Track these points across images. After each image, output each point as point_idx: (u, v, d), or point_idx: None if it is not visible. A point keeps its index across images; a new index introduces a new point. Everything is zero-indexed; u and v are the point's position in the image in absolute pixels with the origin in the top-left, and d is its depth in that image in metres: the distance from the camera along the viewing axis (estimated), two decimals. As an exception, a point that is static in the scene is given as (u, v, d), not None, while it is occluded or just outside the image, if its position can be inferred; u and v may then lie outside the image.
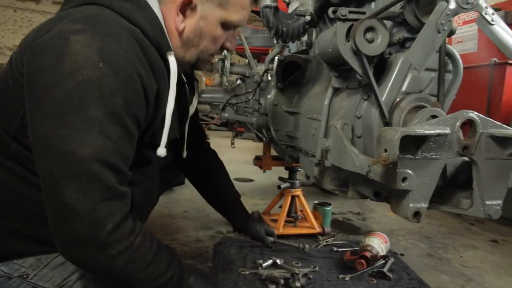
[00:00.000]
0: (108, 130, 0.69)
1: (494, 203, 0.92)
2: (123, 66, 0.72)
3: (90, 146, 0.67)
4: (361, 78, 1.04)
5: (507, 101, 2.86)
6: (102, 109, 0.69)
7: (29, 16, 9.39)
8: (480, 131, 0.87)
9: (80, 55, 0.69)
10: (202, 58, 0.98)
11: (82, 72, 0.68)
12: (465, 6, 0.87)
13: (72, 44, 0.69)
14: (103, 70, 0.69)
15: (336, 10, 1.01)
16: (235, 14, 0.94)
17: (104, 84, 0.69)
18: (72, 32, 0.71)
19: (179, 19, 0.90)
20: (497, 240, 2.37)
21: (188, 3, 0.89)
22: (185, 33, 0.92)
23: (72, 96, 0.68)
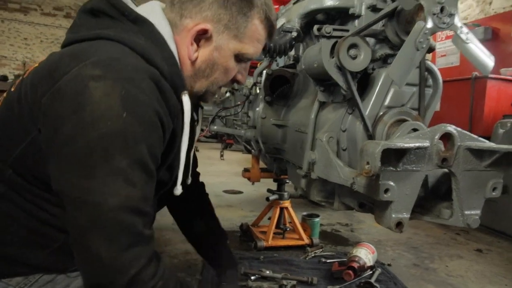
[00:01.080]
0: (134, 178, 0.69)
1: (472, 213, 0.95)
2: (145, 114, 0.71)
3: (117, 197, 0.67)
4: (346, 92, 1.08)
5: (489, 114, 2.95)
6: (127, 159, 0.68)
7: (17, 27, 9.34)
8: (458, 144, 0.91)
9: (102, 104, 0.67)
10: (211, 90, 0.95)
11: (105, 123, 0.67)
12: (441, 25, 0.92)
13: (93, 92, 0.68)
14: (126, 120, 0.68)
15: (321, 27, 1.05)
16: (250, 46, 0.91)
17: (128, 134, 0.68)
18: (91, 78, 0.69)
19: (193, 48, 0.88)
20: (481, 250, 2.41)
21: (203, 32, 0.87)
22: (197, 63, 0.90)
23: (96, 147, 0.67)
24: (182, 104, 0.85)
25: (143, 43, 0.79)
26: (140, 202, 0.70)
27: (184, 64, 0.89)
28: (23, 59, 9.38)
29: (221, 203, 3.19)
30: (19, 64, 9.35)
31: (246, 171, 2.27)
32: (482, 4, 4.34)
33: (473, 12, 4.43)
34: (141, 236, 0.71)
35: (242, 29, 0.88)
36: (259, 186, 2.75)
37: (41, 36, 9.48)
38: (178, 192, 0.92)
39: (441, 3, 0.91)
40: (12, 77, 7.55)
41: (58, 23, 9.52)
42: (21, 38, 9.37)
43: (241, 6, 0.86)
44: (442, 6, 0.91)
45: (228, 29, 0.87)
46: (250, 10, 0.87)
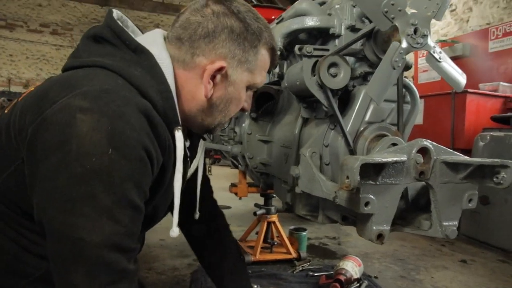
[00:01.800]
0: (119, 216, 0.68)
1: (450, 223, 0.99)
2: (133, 150, 0.69)
3: (100, 234, 0.66)
4: (327, 109, 1.12)
5: (469, 127, 3.04)
6: (112, 196, 0.67)
7: (2, 43, 9.28)
8: (434, 158, 0.95)
9: (88, 139, 0.66)
10: (222, 122, 0.95)
11: (90, 159, 0.66)
12: (415, 45, 0.97)
13: (79, 124, 0.66)
14: (112, 157, 0.67)
15: (302, 47, 1.09)
16: (259, 76, 0.93)
17: (114, 172, 0.67)
18: (79, 110, 0.67)
19: (210, 86, 0.87)
20: (465, 260, 2.46)
21: (219, 70, 0.86)
22: (213, 99, 0.89)
23: (80, 182, 0.65)
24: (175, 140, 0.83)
25: (139, 75, 0.79)
26: (125, 238, 0.69)
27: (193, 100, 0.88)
28: (8, 75, 9.29)
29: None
30: (4, 81, 9.25)
31: (233, 186, 2.29)
32: (460, 22, 4.51)
33: (452, 29, 4.60)
34: (124, 272, 0.70)
35: (254, 62, 0.90)
36: (246, 201, 2.76)
37: (27, 53, 9.42)
38: (175, 235, 0.91)
39: (415, 25, 0.96)
40: (-4, 94, 7.45)
41: (44, 39, 9.49)
42: (6, 54, 9.30)
43: (252, 40, 0.88)
44: (416, 28, 0.97)
45: (241, 63, 0.88)
46: (259, 42, 0.89)
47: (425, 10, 0.97)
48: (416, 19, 0.96)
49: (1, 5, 9.25)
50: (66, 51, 9.56)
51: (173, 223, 0.89)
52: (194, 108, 0.89)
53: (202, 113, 0.91)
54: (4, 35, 9.28)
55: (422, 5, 0.98)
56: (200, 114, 0.91)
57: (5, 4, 9.27)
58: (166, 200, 0.91)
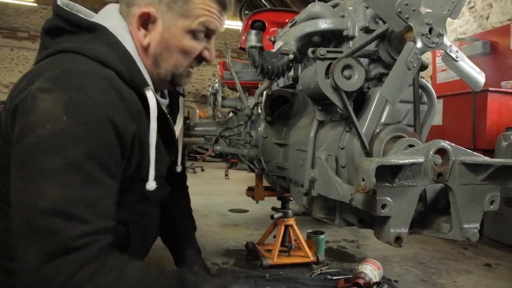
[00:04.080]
0: (67, 180, 0.67)
1: (471, 226, 0.97)
2: (89, 116, 0.71)
3: (46, 198, 0.66)
4: (342, 111, 1.11)
5: (491, 127, 2.96)
6: (61, 159, 0.67)
7: (25, 54, 9.62)
8: (453, 159, 0.93)
9: (45, 111, 0.69)
10: (178, 73, 0.95)
11: (44, 126, 0.69)
12: (431, 45, 0.96)
13: (39, 101, 0.70)
14: (65, 122, 0.69)
15: (315, 50, 1.09)
16: (199, 18, 0.90)
17: (65, 135, 0.69)
18: (40, 91, 0.72)
19: (141, 34, 0.89)
20: (490, 264, 2.38)
21: (147, 17, 0.88)
22: (151, 48, 0.90)
23: (33, 149, 0.69)
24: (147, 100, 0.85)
25: (96, 48, 0.81)
26: (74, 205, 0.67)
27: (142, 53, 0.90)
28: (31, 84, 9.61)
29: (227, 222, 3.20)
30: (28, 90, 9.57)
31: (250, 189, 2.29)
32: (479, 19, 4.41)
33: (471, 27, 4.50)
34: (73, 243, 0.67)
35: (186, 5, 0.89)
36: (264, 204, 2.76)
37: (49, 62, 9.73)
38: (151, 188, 0.91)
39: (429, 24, 0.95)
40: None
41: (65, 49, 9.78)
42: (29, 65, 9.63)
43: None
44: (431, 27, 0.95)
45: (171, 8, 0.88)
46: None
47: (440, 9, 0.96)
48: (431, 19, 0.94)
49: (24, 17, 9.60)
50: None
51: (150, 176, 0.89)
52: (148, 63, 0.91)
53: (153, 66, 0.92)
54: (27, 46, 9.62)
55: (437, 3, 0.96)
56: (153, 68, 0.92)
57: (27, 16, 9.62)
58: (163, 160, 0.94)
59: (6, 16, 9.42)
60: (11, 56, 9.51)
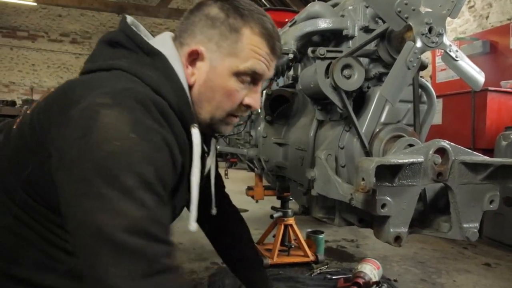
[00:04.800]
0: (143, 198, 0.65)
1: (471, 225, 0.97)
2: (153, 136, 0.71)
3: (125, 217, 0.63)
4: (342, 111, 1.11)
5: (490, 126, 2.96)
6: (135, 177, 0.65)
7: (25, 53, 9.59)
8: (452, 158, 0.93)
9: (110, 128, 0.67)
10: (218, 116, 0.91)
11: (112, 143, 0.66)
12: (430, 45, 0.95)
13: (102, 117, 0.68)
14: (133, 140, 0.67)
15: (315, 50, 1.09)
16: (248, 61, 0.87)
17: (135, 153, 0.67)
18: (101, 106, 0.69)
19: (188, 72, 0.88)
20: (490, 264, 2.39)
21: (196, 55, 0.87)
22: (196, 86, 0.88)
23: (102, 166, 0.65)
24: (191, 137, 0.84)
25: (153, 75, 0.81)
26: (152, 224, 0.65)
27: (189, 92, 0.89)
28: (31, 84, 9.60)
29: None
30: (27, 89, 9.56)
31: (249, 189, 2.29)
32: (479, 18, 4.41)
33: (471, 26, 4.49)
34: (159, 264, 0.64)
35: (235, 44, 0.86)
36: (263, 204, 2.76)
37: (48, 62, 9.72)
38: (193, 229, 0.89)
39: (429, 24, 0.95)
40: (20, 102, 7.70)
41: (64, 48, 9.78)
42: (29, 64, 9.62)
43: (231, 23, 0.86)
44: (430, 26, 0.95)
45: (220, 47, 0.86)
46: (241, 25, 0.86)
47: (439, 8, 0.96)
48: (430, 18, 0.94)
49: (24, 17, 9.58)
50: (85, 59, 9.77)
51: (191, 218, 0.87)
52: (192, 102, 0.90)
53: (195, 105, 0.90)
54: (27, 45, 9.60)
55: (436, 3, 0.96)
56: (195, 107, 0.90)
57: (27, 16, 9.59)
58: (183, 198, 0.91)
59: (6, 15, 9.40)
60: (10, 55, 9.48)
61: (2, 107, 6.03)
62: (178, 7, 9.48)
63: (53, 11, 9.69)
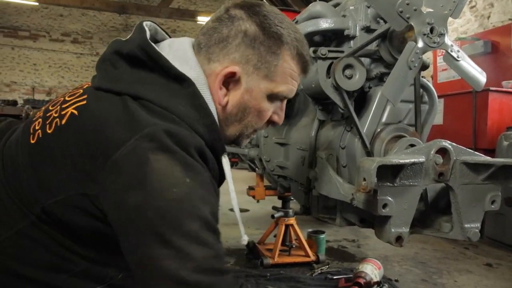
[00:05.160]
0: (207, 239, 0.69)
1: (472, 226, 0.97)
2: (204, 178, 0.73)
3: (194, 260, 0.66)
4: (343, 111, 1.11)
5: (492, 127, 2.96)
6: (196, 222, 0.68)
7: (27, 53, 9.61)
8: (454, 159, 0.93)
9: (165, 174, 0.69)
10: (245, 133, 0.91)
11: (171, 191, 0.68)
12: (432, 45, 0.96)
13: (154, 163, 0.68)
14: (189, 185, 0.69)
15: (317, 49, 1.09)
16: (283, 85, 0.86)
17: (194, 198, 0.70)
18: (150, 151, 0.70)
19: (222, 93, 0.85)
20: (491, 264, 2.38)
21: (232, 75, 0.83)
22: (228, 107, 0.86)
23: (166, 214, 0.67)
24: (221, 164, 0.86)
25: (184, 110, 0.78)
26: (216, 261, 0.69)
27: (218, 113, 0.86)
28: (32, 84, 9.61)
29: (227, 222, 3.18)
30: (28, 89, 9.57)
31: (250, 189, 2.29)
32: (480, 18, 4.40)
33: (472, 26, 4.49)
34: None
35: (273, 68, 0.84)
36: (264, 204, 2.76)
37: (49, 61, 9.73)
38: (245, 242, 0.94)
39: (431, 24, 0.95)
40: (21, 102, 7.73)
41: (65, 48, 9.78)
42: (30, 63, 9.63)
43: (270, 44, 0.82)
44: (432, 27, 0.95)
45: (257, 69, 0.83)
46: (279, 48, 0.83)
47: (441, 9, 0.96)
48: (432, 18, 0.95)
49: (25, 17, 9.60)
50: (86, 59, 9.83)
51: (242, 232, 0.93)
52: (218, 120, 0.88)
53: (222, 123, 0.88)
54: (28, 45, 9.61)
55: (438, 3, 0.96)
56: (221, 123, 0.88)
57: (28, 16, 9.61)
58: None
59: (8, 15, 9.42)
60: (12, 55, 9.50)
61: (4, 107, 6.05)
62: (179, 6, 9.49)
63: (54, 10, 9.70)
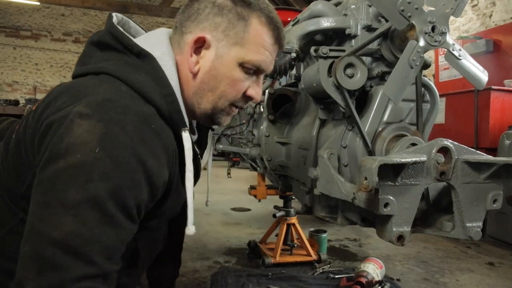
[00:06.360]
0: (85, 216, 0.64)
1: (474, 225, 0.97)
2: (122, 153, 0.68)
3: (59, 230, 0.63)
4: (344, 110, 1.11)
5: (494, 125, 2.95)
6: (83, 193, 0.65)
7: (28, 53, 9.62)
8: (455, 158, 0.93)
9: (79, 139, 0.67)
10: (220, 106, 0.89)
11: (75, 155, 0.66)
12: (433, 43, 0.95)
13: (75, 127, 0.68)
14: (97, 155, 0.66)
15: (318, 49, 1.09)
16: (254, 54, 0.85)
17: (94, 169, 0.66)
18: (79, 115, 0.69)
19: (193, 60, 0.85)
20: (493, 263, 2.38)
21: (201, 42, 0.84)
22: (199, 75, 0.86)
23: (58, 176, 0.66)
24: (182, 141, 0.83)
25: (142, 80, 0.79)
26: (86, 245, 0.64)
27: (187, 82, 0.87)
28: (34, 83, 9.62)
29: (229, 221, 3.20)
30: (30, 89, 9.58)
31: (252, 188, 2.29)
32: (482, 17, 4.38)
33: (474, 25, 4.47)
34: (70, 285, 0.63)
35: (242, 33, 0.84)
36: (266, 203, 2.76)
37: (51, 61, 9.74)
38: (191, 233, 0.86)
39: (432, 22, 0.95)
40: (23, 102, 7.73)
41: (67, 48, 9.79)
42: (32, 63, 9.64)
43: (238, 11, 0.84)
44: (433, 25, 0.95)
45: (227, 36, 0.84)
46: (249, 14, 0.84)
47: (443, 7, 0.96)
48: (433, 17, 0.94)
49: (27, 16, 9.60)
50: (88, 59, 9.82)
51: (189, 221, 0.86)
52: (190, 92, 0.87)
53: (196, 95, 0.87)
54: (30, 45, 9.62)
55: (439, 2, 0.96)
56: (195, 97, 0.88)
57: (30, 15, 9.61)
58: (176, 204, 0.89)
59: (9, 14, 9.43)
60: (14, 55, 9.51)
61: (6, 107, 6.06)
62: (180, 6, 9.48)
63: (56, 10, 9.71)
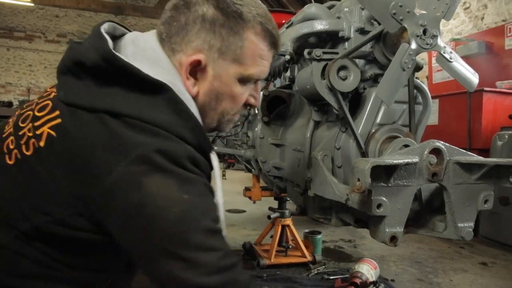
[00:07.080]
0: (213, 244, 0.72)
1: (466, 225, 0.98)
2: (198, 187, 0.74)
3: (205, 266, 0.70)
4: (338, 112, 1.12)
5: (486, 127, 2.98)
6: (201, 233, 0.71)
7: (22, 54, 9.56)
8: (447, 159, 0.94)
9: (162, 196, 0.69)
10: (224, 120, 0.89)
11: (171, 211, 0.69)
12: (425, 46, 0.97)
13: (148, 187, 0.68)
14: (188, 200, 0.71)
15: (311, 51, 1.10)
16: (253, 67, 0.83)
17: (194, 212, 0.71)
18: (142, 174, 0.69)
19: (190, 83, 0.81)
20: (486, 263, 2.40)
21: (197, 64, 0.80)
22: (200, 97, 0.83)
23: (171, 235, 0.69)
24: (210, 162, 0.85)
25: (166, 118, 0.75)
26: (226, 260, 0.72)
27: None
28: (27, 85, 9.56)
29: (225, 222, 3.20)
30: (24, 90, 9.52)
31: (247, 190, 2.30)
32: (474, 19, 4.43)
33: (466, 27, 4.52)
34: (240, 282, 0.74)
35: (238, 50, 0.80)
36: (261, 204, 2.77)
37: (45, 62, 9.70)
38: None
39: (424, 26, 0.96)
40: (17, 103, 7.68)
41: (61, 49, 9.74)
42: (25, 64, 9.59)
43: (231, 25, 0.79)
44: (425, 28, 0.96)
45: (223, 54, 0.80)
46: (241, 27, 0.79)
47: (434, 11, 0.97)
48: (425, 20, 0.96)
49: (21, 17, 9.55)
50: (82, 60, 9.78)
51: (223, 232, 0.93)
52: None
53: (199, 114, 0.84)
54: (24, 46, 9.56)
55: (430, 5, 0.97)
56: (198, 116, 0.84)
57: (24, 16, 9.56)
58: None
59: (3, 15, 9.37)
60: (7, 56, 9.45)
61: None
62: (175, 8, 9.47)
63: (50, 11, 9.67)
